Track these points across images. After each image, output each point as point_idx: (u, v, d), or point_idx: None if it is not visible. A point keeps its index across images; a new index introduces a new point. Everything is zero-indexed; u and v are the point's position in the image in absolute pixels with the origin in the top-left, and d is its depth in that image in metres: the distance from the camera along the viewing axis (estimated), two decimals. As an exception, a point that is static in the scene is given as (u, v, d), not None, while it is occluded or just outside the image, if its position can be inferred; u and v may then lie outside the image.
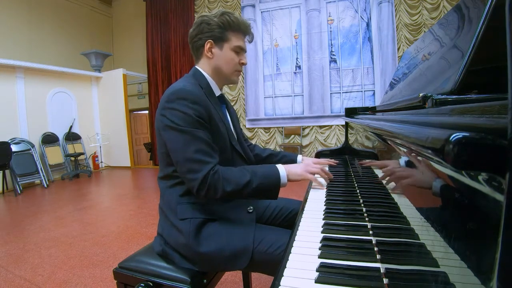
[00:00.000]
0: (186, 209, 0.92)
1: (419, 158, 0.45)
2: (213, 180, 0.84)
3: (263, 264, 0.86)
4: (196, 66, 1.03)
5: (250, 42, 1.05)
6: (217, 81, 1.03)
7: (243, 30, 1.00)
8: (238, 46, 0.99)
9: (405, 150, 0.54)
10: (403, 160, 0.59)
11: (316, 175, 1.04)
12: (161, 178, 0.98)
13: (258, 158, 1.27)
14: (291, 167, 0.97)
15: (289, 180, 0.94)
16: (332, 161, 1.37)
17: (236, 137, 1.07)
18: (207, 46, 0.97)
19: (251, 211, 0.98)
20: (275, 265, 0.77)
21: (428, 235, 0.40)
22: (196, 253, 0.88)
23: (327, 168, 1.25)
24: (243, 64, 1.03)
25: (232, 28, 0.97)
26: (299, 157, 1.31)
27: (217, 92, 1.03)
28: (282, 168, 0.93)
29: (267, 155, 1.30)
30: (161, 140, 0.93)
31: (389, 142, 0.68)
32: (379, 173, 0.94)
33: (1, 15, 5.37)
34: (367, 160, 1.11)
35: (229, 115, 1.10)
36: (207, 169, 0.84)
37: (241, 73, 1.09)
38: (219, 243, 0.87)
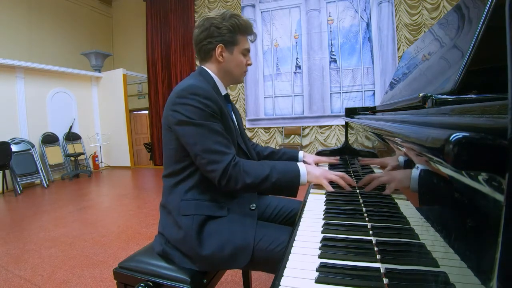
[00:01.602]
0: (189, 205, 0.92)
1: (419, 158, 0.45)
2: (234, 171, 0.85)
3: (264, 261, 0.87)
4: (203, 66, 1.03)
5: (252, 41, 1.06)
6: (223, 81, 1.04)
7: (249, 31, 1.02)
8: (246, 49, 1.01)
9: (405, 150, 0.54)
10: (402, 160, 0.59)
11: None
12: (166, 176, 0.98)
13: (259, 156, 1.28)
14: (311, 168, 0.97)
15: (307, 180, 0.94)
16: (332, 159, 1.38)
17: (240, 136, 1.08)
18: (218, 50, 0.97)
19: (253, 208, 0.98)
20: (275, 263, 0.78)
21: (428, 235, 0.40)
22: (196, 253, 0.88)
23: (327, 167, 1.25)
24: (249, 65, 1.05)
25: (241, 31, 0.98)
26: (301, 153, 1.31)
27: (223, 91, 1.05)
28: (302, 167, 0.93)
29: (268, 153, 1.31)
30: (169, 136, 0.93)
31: (389, 142, 0.68)
32: (379, 172, 0.94)
33: (1, 15, 5.36)
34: (367, 158, 1.11)
35: (234, 114, 1.11)
36: (227, 160, 0.85)
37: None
38: (220, 242, 0.87)
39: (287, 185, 0.90)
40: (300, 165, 0.94)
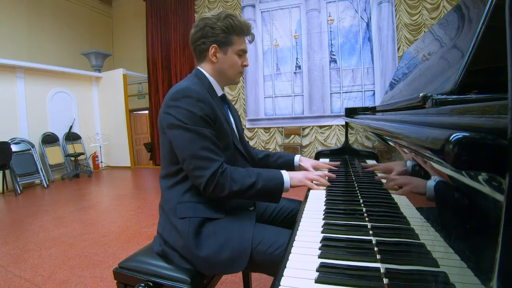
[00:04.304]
0: (186, 208, 0.92)
1: (419, 158, 0.45)
2: (222, 178, 0.86)
3: (263, 264, 0.86)
4: (198, 67, 1.03)
5: (250, 42, 1.05)
6: (219, 82, 1.04)
7: (246, 32, 1.01)
8: (241, 50, 1.00)
9: (405, 150, 0.54)
10: (403, 161, 0.59)
11: (315, 182, 1.07)
12: (163, 177, 0.98)
13: (254, 159, 1.27)
14: (293, 173, 1.00)
15: (291, 185, 0.97)
16: (332, 165, 1.32)
17: (238, 137, 1.07)
18: (211, 51, 0.97)
19: (252, 209, 0.98)
20: (275, 265, 0.77)
21: (428, 235, 0.40)
22: (194, 256, 0.88)
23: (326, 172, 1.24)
24: (245, 66, 1.04)
25: (236, 32, 0.98)
26: (297, 157, 1.29)
27: (219, 92, 1.04)
28: (286, 174, 0.97)
29: (263, 156, 1.29)
30: (164, 138, 0.93)
31: (389, 142, 0.68)
32: (378, 173, 0.94)
33: (1, 15, 5.36)
34: (369, 164, 1.11)
35: (231, 115, 1.11)
36: (215, 167, 0.85)
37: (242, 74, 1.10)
38: (218, 245, 0.87)
39: (272, 192, 0.93)
40: (284, 172, 0.97)
